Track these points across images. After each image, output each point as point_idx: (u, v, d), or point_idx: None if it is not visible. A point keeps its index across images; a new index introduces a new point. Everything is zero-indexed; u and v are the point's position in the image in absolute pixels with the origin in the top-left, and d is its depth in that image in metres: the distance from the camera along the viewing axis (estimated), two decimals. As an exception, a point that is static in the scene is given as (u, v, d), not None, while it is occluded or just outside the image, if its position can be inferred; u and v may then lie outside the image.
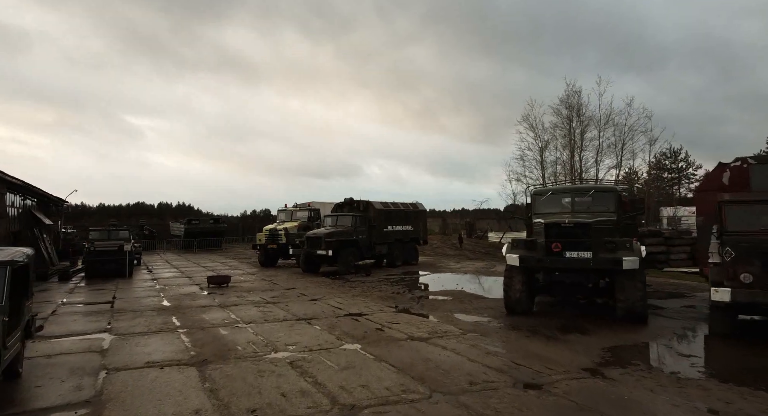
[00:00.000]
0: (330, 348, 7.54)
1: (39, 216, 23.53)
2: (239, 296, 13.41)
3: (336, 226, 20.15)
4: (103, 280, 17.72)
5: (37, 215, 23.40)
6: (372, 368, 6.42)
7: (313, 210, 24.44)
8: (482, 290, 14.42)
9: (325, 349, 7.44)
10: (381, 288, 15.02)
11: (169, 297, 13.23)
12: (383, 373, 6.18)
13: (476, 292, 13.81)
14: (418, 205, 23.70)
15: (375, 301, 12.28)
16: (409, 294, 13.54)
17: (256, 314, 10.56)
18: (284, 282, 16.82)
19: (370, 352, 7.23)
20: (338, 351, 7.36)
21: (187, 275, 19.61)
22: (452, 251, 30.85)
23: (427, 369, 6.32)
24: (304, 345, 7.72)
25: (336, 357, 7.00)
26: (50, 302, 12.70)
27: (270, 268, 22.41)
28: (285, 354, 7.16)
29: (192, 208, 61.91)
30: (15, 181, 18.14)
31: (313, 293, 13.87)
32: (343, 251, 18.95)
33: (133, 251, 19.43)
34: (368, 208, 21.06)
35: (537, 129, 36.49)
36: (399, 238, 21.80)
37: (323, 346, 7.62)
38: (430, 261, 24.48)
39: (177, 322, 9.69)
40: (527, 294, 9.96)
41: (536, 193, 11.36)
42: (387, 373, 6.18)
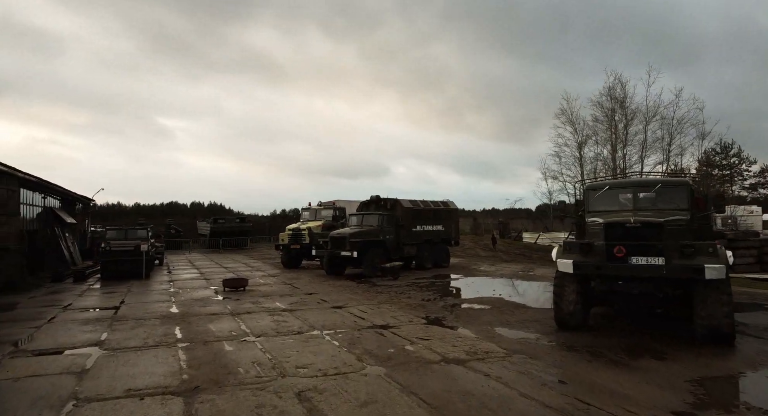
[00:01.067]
0: (349, 372, 6.25)
1: (60, 215, 23.10)
2: (254, 302, 12.29)
3: (361, 226, 18.91)
4: (117, 282, 16.93)
5: (58, 214, 22.98)
6: (399, 404, 5.10)
7: (338, 209, 23.28)
8: (523, 298, 12.90)
9: (343, 374, 6.15)
10: (409, 293, 13.68)
11: (179, 303, 12.21)
12: (413, 413, 4.85)
13: (516, 300, 12.31)
14: (450, 203, 22.24)
15: (403, 310, 10.95)
16: (440, 302, 12.16)
17: (268, 324, 9.38)
18: (305, 285, 15.65)
19: (397, 380, 5.91)
20: (358, 377, 6.05)
21: (206, 277, 18.70)
22: (485, 252, 29.24)
23: (469, 409, 4.95)
24: (318, 367, 6.45)
25: (355, 386, 5.70)
26: (55, 306, 11.84)
27: (293, 270, 21.35)
28: (293, 381, 5.90)
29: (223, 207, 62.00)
30: (31, 179, 17.55)
31: (334, 299, 12.64)
32: (368, 252, 17.69)
33: (150, 251, 18.60)
34: (396, 206, 19.75)
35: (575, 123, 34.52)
36: (429, 239, 20.40)
37: (340, 370, 6.34)
38: (462, 264, 22.98)
39: (179, 334, 8.58)
40: (582, 306, 8.45)
41: (590, 188, 9.81)
42: (418, 413, 4.84)
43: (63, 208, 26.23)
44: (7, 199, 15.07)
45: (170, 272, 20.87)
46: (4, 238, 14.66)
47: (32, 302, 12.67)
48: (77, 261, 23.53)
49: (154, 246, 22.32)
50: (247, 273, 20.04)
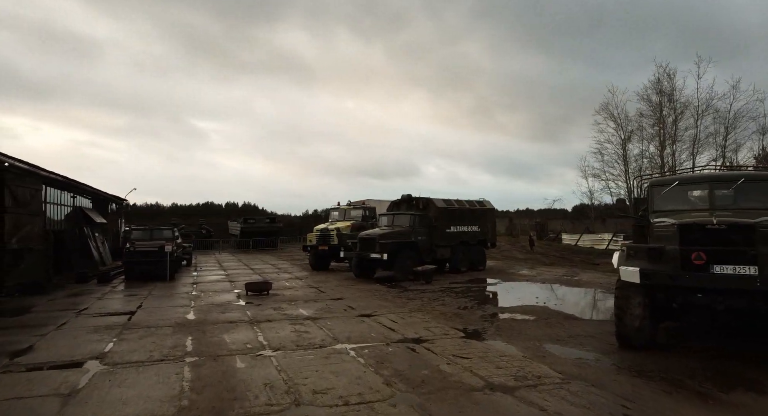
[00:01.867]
0: (375, 401, 5.24)
1: (90, 215, 22.99)
2: (277, 308, 11.44)
3: (392, 226, 17.90)
4: (140, 284, 16.45)
5: (87, 213, 22.87)
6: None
7: (367, 209, 22.33)
8: (571, 307, 11.63)
9: (368, 404, 5.15)
10: (444, 300, 12.59)
11: (197, 308, 11.48)
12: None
13: (564, 310, 11.05)
14: (486, 202, 20.98)
15: (437, 320, 9.88)
16: (478, 311, 11.03)
17: (288, 335, 8.47)
18: (332, 290, 14.75)
19: (433, 414, 4.87)
20: (386, 408, 5.04)
21: (231, 279, 18.06)
22: (522, 254, 27.78)
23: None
24: (339, 393, 5.47)
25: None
26: (70, 310, 11.29)
27: (321, 272, 20.52)
28: (309, 411, 4.94)
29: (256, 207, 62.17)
30: (56, 178, 17.29)
31: (362, 306, 11.67)
32: (399, 254, 16.66)
33: (175, 252, 18.09)
34: (428, 205, 18.65)
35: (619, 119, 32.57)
36: (464, 240, 19.21)
37: (365, 397, 5.34)
38: (499, 267, 21.68)
39: (189, 346, 7.76)
40: (650, 322, 7.19)
41: (655, 184, 8.51)
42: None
43: (94, 207, 26.25)
44: (29, 198, 14.75)
45: (196, 273, 20.37)
46: (27, 238, 14.33)
47: (49, 305, 12.19)
48: (107, 262, 23.38)
49: (181, 247, 21.93)
50: (274, 275, 19.33)
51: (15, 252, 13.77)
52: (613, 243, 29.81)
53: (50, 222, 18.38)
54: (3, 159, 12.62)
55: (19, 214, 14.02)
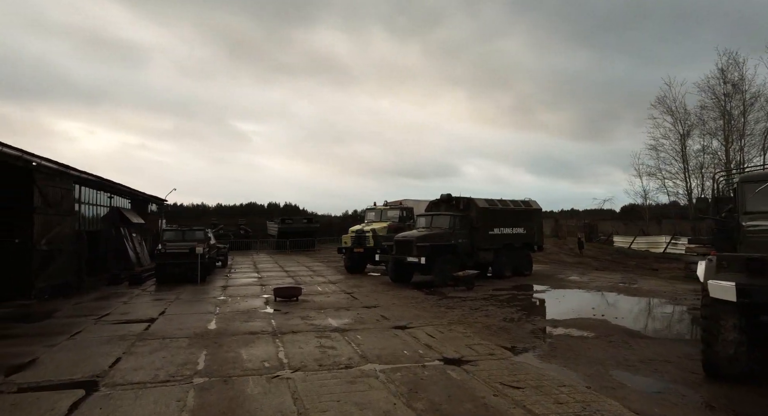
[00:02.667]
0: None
1: (127, 215, 22.98)
2: (304, 317, 10.58)
3: (431, 228, 16.80)
4: (170, 286, 16.01)
5: (125, 214, 22.86)
6: None
7: (405, 210, 21.27)
8: (635, 321, 10.22)
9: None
10: (487, 309, 11.42)
11: (221, 316, 10.75)
12: None
13: (627, 325, 9.67)
14: (531, 202, 19.53)
15: (480, 335, 8.74)
16: (527, 323, 9.80)
17: (312, 352, 7.55)
18: (366, 296, 13.79)
19: (479, 475, 3.78)
20: (418, 461, 3.99)
21: (263, 282, 17.41)
22: (571, 258, 26.05)
23: None
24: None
25: (412, 482, 3.65)
26: (90, 316, 10.79)
27: (356, 275, 19.64)
28: (322, 463, 3.95)
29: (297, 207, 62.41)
30: (90, 178, 17.12)
31: (397, 316, 10.65)
32: (438, 258, 15.55)
33: (208, 253, 17.60)
34: (470, 206, 17.43)
35: (677, 113, 30.18)
36: (508, 243, 17.88)
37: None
38: (546, 271, 20.19)
39: (201, 362, 6.95)
40: (747, 349, 5.84)
41: (748, 180, 7.08)
42: None
43: (133, 208, 26.36)
44: (60, 199, 14.52)
45: (229, 276, 19.89)
46: (58, 239, 14.09)
47: (73, 309, 11.79)
48: (144, 262, 23.32)
49: (215, 248, 21.55)
50: (307, 278, 18.59)
51: (45, 254, 13.53)
52: (672, 246, 27.57)
53: (85, 223, 18.28)
54: (31, 159, 12.34)
55: (49, 215, 13.78)
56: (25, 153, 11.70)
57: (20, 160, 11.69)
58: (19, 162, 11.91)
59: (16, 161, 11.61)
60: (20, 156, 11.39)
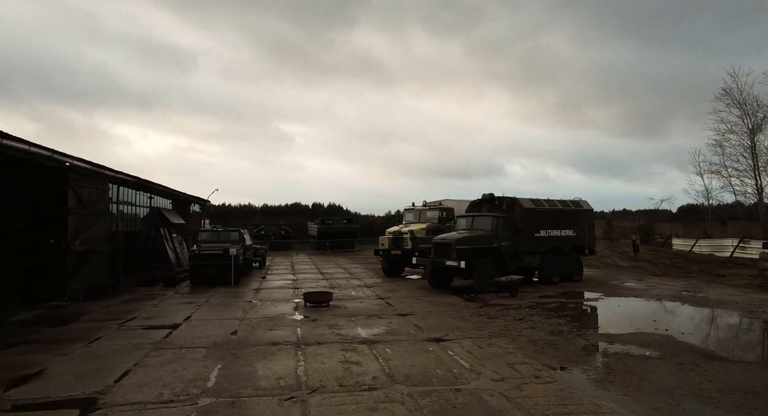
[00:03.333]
0: None
1: (167, 216, 23.14)
2: (332, 325, 9.89)
3: (471, 230, 15.83)
4: (204, 289, 15.76)
5: (165, 214, 23.02)
6: None
7: (445, 210, 20.31)
8: (706, 338, 8.93)
9: None
10: (533, 320, 10.38)
11: (246, 322, 10.22)
12: None
13: (698, 344, 8.42)
14: (582, 202, 18.16)
15: (524, 351, 7.77)
16: (578, 338, 8.73)
17: (335, 368, 6.82)
18: (401, 302, 12.99)
19: None
20: None
21: (297, 285, 16.91)
22: (625, 262, 24.31)
23: None
24: (376, 487, 3.66)
25: None
26: (115, 320, 10.50)
27: (393, 279, 18.87)
28: None
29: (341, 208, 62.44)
30: (127, 178, 17.14)
31: (432, 326, 9.80)
32: (479, 262, 14.56)
33: (241, 255, 17.28)
34: (514, 206, 16.31)
35: (745, 106, 27.72)
36: (556, 246, 16.63)
37: None
38: (598, 277, 18.74)
39: (212, 379, 6.35)
40: None
41: None
42: None
43: (175, 208, 26.64)
44: (96, 199, 14.50)
45: (265, 278, 19.55)
46: (92, 240, 14.06)
47: (100, 312, 11.59)
48: (184, 263, 23.41)
49: (251, 249, 21.33)
50: (343, 281, 17.98)
51: (79, 255, 13.50)
52: (740, 250, 25.26)
53: (124, 223, 18.38)
54: (64, 159, 12.28)
55: (83, 215, 13.76)
56: (56, 152, 11.62)
57: (52, 160, 11.62)
58: (52, 162, 11.85)
59: (47, 161, 11.55)
60: (50, 156, 11.30)
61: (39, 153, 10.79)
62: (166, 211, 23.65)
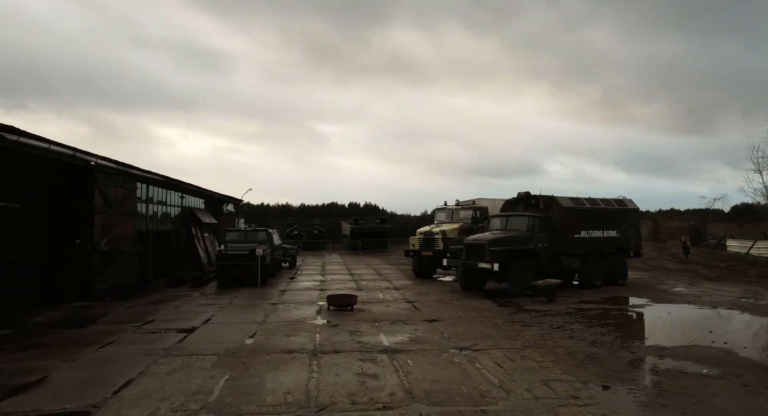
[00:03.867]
0: None
1: (199, 216, 23.19)
2: (354, 331, 9.33)
3: (506, 230, 14.97)
4: (229, 289, 15.53)
5: (196, 214, 23.08)
6: None
7: (478, 210, 19.45)
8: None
9: None
10: (571, 329, 9.52)
11: (265, 327, 9.78)
12: None
13: (764, 361, 7.39)
14: (627, 201, 16.97)
15: (561, 364, 6.98)
16: (623, 351, 7.85)
17: (349, 381, 6.24)
18: (430, 306, 12.31)
19: None
20: None
21: (324, 286, 16.47)
22: (674, 265, 22.76)
23: None
24: None
25: None
26: (133, 323, 10.26)
27: (424, 281, 18.18)
28: None
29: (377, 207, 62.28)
30: (155, 177, 17.12)
31: (461, 334, 9.09)
32: (514, 265, 13.71)
33: (268, 255, 16.96)
34: (551, 205, 15.34)
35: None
36: (598, 248, 15.55)
37: None
38: (645, 281, 17.49)
39: (216, 391, 5.88)
40: None
41: None
42: None
43: (207, 208, 26.76)
44: (123, 198, 14.47)
45: (294, 278, 19.22)
46: (119, 239, 14.03)
47: (122, 314, 11.42)
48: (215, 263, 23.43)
49: (280, 249, 21.07)
50: (371, 283, 17.42)
51: (106, 255, 13.46)
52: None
53: (154, 223, 18.41)
54: (88, 158, 12.22)
55: (110, 215, 13.72)
56: (79, 151, 11.54)
57: (76, 159, 11.54)
58: (77, 161, 11.79)
59: (71, 160, 11.48)
60: (72, 155, 11.22)
61: (60, 151, 10.71)
62: (197, 211, 23.72)
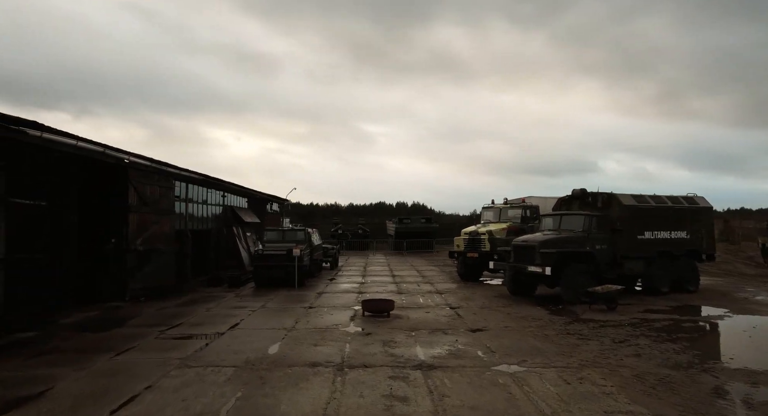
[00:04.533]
0: None
1: (240, 215, 23.06)
2: (387, 341, 8.47)
3: (559, 231, 13.68)
4: (266, 291, 15.04)
5: (238, 213, 22.96)
6: None
7: (528, 208, 18.13)
8: None
9: None
10: (637, 344, 8.29)
11: (293, 334, 9.10)
12: None
13: None
14: (698, 199, 15.22)
15: (628, 390, 5.85)
16: (705, 375, 6.59)
17: (374, 404, 5.40)
18: (474, 313, 11.28)
19: None
20: None
21: (363, 289, 15.72)
22: (752, 269, 20.52)
23: None
24: None
25: None
26: (159, 327, 9.82)
27: (469, 284, 17.11)
28: None
29: (425, 207, 61.37)
30: (194, 176, 16.93)
31: (507, 347, 8.05)
32: (568, 269, 12.45)
33: (306, 255, 16.39)
34: (611, 203, 13.90)
35: None
36: (664, 250, 13.95)
37: None
38: (719, 287, 15.66)
39: (222, 414, 5.17)
40: None
41: None
42: None
43: (250, 207, 26.70)
44: (159, 197, 14.28)
45: (333, 279, 18.60)
46: (155, 239, 13.83)
47: (151, 316, 11.08)
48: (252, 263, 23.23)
49: (319, 249, 20.53)
50: (413, 285, 16.52)
51: (140, 254, 13.26)
52: None
53: (194, 222, 18.28)
54: (122, 155, 12.00)
55: (145, 213, 13.53)
56: (110, 148, 11.30)
57: (107, 156, 11.31)
58: (109, 159, 11.58)
59: (102, 157, 11.25)
60: (102, 151, 10.98)
61: (89, 148, 10.46)
62: (239, 210, 23.61)
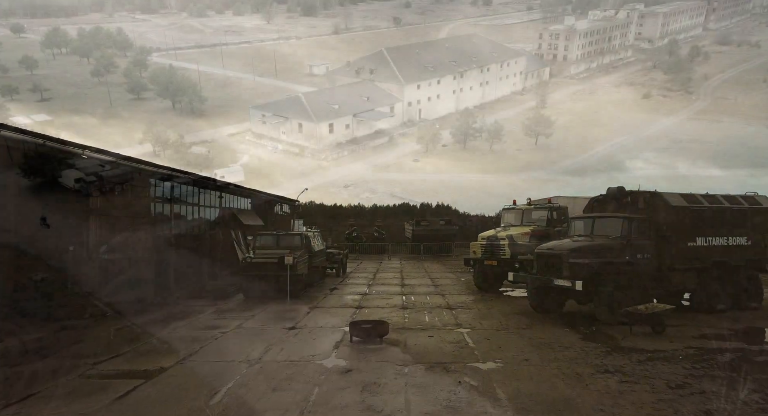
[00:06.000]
0: None
1: (240, 217, 21.45)
2: (369, 384, 6.54)
3: (592, 236, 11.43)
4: (252, 304, 13.29)
5: (237, 216, 21.34)
6: None
7: (555, 210, 15.79)
8: None
9: None
10: (701, 391, 6.18)
11: (254, 370, 7.26)
12: None
13: None
14: (759, 198, 12.79)
15: None
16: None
17: None
18: (487, 338, 9.24)
19: None
20: None
21: (364, 302, 13.80)
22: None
23: None
24: None
25: None
26: (91, 359, 8.11)
27: (487, 295, 15.02)
28: None
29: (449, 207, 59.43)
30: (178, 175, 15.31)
31: (526, 396, 6.03)
32: (603, 282, 10.27)
33: (301, 263, 14.53)
34: (655, 204, 11.57)
35: None
36: (721, 260, 11.60)
37: None
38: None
39: None
40: None
41: None
42: None
43: (255, 209, 25.08)
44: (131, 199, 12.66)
45: (334, 289, 16.74)
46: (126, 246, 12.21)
47: (94, 341, 9.36)
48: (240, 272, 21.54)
49: (322, 255, 18.69)
50: (423, 297, 14.55)
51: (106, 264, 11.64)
52: None
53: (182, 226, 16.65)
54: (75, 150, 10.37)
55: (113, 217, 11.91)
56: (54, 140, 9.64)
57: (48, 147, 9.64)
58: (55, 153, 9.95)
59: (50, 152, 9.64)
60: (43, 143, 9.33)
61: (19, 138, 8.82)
62: (239, 212, 21.98)
